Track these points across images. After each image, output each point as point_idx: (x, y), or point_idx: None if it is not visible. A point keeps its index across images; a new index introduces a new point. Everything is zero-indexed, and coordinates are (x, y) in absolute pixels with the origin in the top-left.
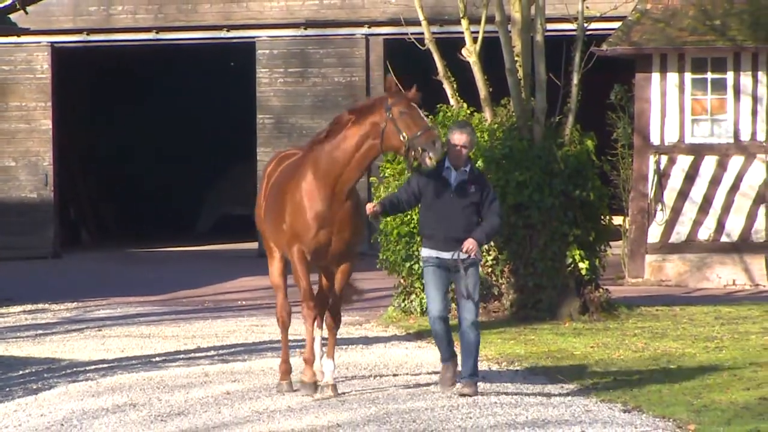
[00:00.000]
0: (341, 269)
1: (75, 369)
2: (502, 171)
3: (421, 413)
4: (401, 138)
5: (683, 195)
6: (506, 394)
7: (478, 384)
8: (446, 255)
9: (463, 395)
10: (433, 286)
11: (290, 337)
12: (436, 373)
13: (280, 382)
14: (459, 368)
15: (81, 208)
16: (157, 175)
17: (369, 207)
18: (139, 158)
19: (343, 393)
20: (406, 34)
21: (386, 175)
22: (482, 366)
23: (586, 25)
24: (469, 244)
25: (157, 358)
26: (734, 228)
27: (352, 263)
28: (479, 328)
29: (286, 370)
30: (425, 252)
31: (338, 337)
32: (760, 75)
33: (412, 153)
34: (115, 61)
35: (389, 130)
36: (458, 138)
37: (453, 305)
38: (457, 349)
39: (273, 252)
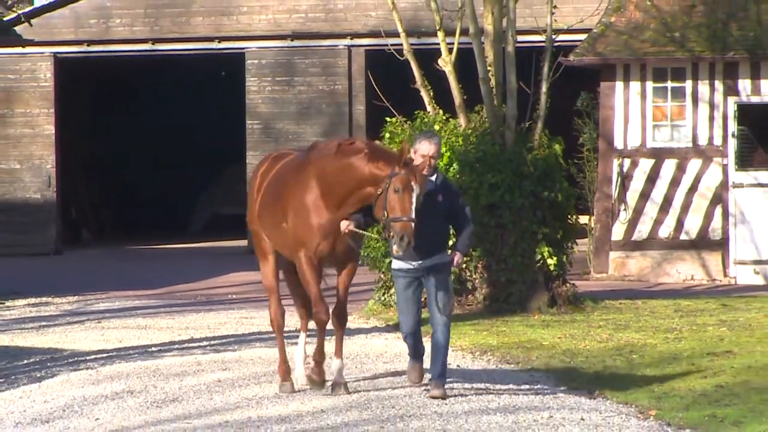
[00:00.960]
0: (346, 270)
1: (76, 358)
2: (476, 173)
3: (400, 399)
4: (383, 213)
5: (645, 196)
6: (480, 382)
7: (446, 383)
8: (417, 265)
9: (433, 398)
10: (404, 302)
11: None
12: None
13: (282, 383)
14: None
15: (82, 208)
16: (152, 176)
17: (343, 227)
18: (135, 160)
19: (328, 380)
20: (386, 45)
21: None
22: (458, 356)
23: (554, 37)
24: (458, 258)
25: (153, 348)
26: (693, 227)
27: (355, 264)
28: (449, 330)
29: (286, 371)
30: (396, 264)
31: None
32: (717, 83)
33: (388, 231)
34: (113, 70)
35: (381, 196)
36: (427, 148)
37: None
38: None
39: (266, 253)
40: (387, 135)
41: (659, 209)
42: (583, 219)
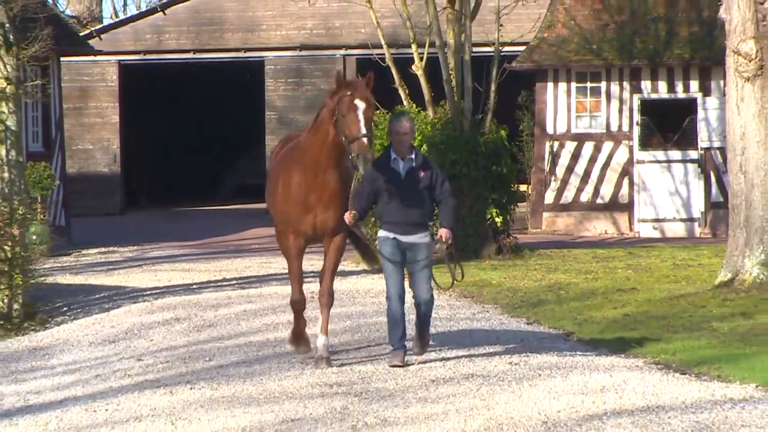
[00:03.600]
0: (334, 246)
1: (135, 294)
2: (441, 153)
3: (383, 326)
4: (342, 138)
5: (570, 170)
6: (443, 311)
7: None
8: (404, 239)
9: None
10: (391, 269)
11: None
12: None
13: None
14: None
15: (139, 179)
16: (192, 155)
17: (348, 217)
18: (179, 143)
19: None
20: (372, 54)
21: None
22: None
23: (500, 48)
24: (446, 234)
25: (194, 286)
26: (606, 193)
27: (343, 237)
28: (432, 304)
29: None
30: (382, 233)
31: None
32: (625, 84)
33: (350, 155)
34: (163, 73)
35: (338, 125)
36: (399, 126)
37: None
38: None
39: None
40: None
41: (580, 180)
42: (523, 187)
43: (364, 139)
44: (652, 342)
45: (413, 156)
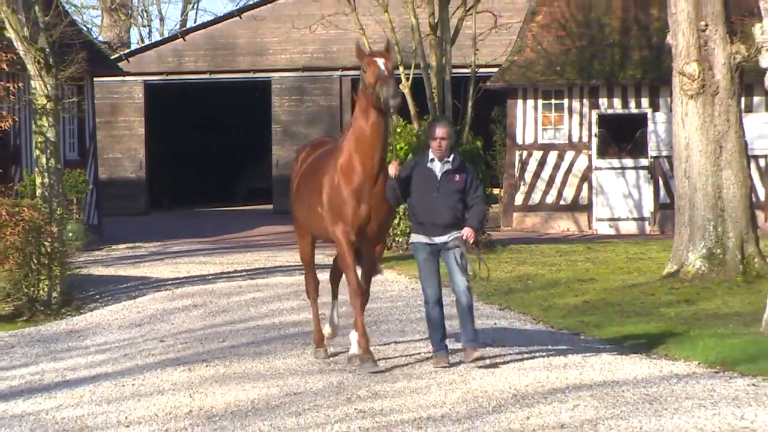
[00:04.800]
0: (375, 249)
1: (158, 283)
2: None
3: (376, 311)
4: (369, 90)
5: (537, 175)
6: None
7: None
8: (436, 240)
9: (475, 360)
10: (427, 272)
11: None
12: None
13: (317, 349)
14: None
15: (162, 184)
16: (209, 162)
17: (392, 169)
18: (197, 152)
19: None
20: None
21: None
22: (410, 282)
23: (476, 70)
24: (468, 232)
25: (210, 277)
26: (568, 196)
27: (383, 246)
28: (471, 294)
29: (320, 339)
30: (415, 237)
31: None
32: (585, 101)
33: (380, 99)
34: (183, 91)
35: (364, 91)
36: (438, 131)
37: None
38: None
39: (303, 234)
40: None
41: (546, 184)
42: (496, 191)
43: (385, 73)
44: (607, 325)
45: (450, 159)
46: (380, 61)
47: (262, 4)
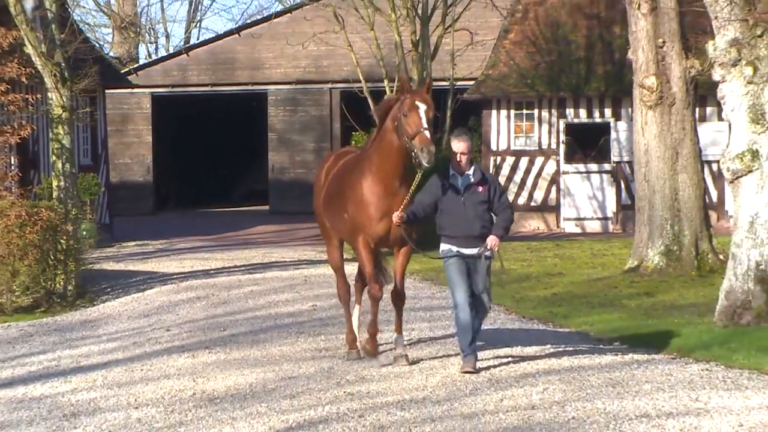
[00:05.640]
0: (402, 252)
1: (165, 277)
2: None
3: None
4: (405, 139)
5: (509, 179)
6: (408, 292)
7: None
8: (466, 251)
9: (468, 372)
10: (457, 276)
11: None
12: None
13: (349, 351)
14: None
15: (167, 186)
16: (210, 167)
17: (395, 217)
18: (200, 157)
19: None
20: (353, 87)
21: None
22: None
23: (454, 83)
24: (493, 241)
25: (212, 271)
26: (538, 197)
27: (410, 247)
28: (486, 315)
29: (353, 340)
30: (445, 246)
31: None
32: (553, 111)
33: (413, 152)
34: (187, 102)
35: (399, 128)
36: (457, 146)
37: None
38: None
39: (331, 239)
40: (353, 142)
41: (518, 187)
42: None
43: (426, 133)
44: (574, 315)
45: (471, 172)
46: (422, 109)
47: (259, 23)
